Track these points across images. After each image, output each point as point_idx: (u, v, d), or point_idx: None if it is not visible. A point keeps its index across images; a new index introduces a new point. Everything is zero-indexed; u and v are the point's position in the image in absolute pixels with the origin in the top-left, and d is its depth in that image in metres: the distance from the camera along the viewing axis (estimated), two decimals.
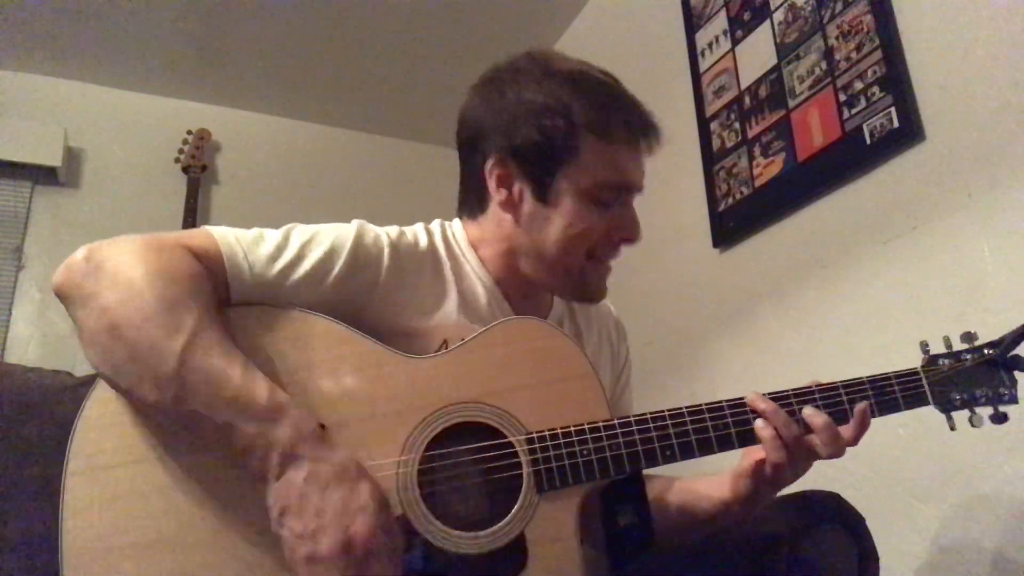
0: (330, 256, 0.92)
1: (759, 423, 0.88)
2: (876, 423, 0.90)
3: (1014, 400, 0.92)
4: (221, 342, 0.80)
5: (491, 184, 1.01)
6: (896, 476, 1.42)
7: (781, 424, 0.87)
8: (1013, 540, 1.25)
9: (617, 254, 1.04)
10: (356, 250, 0.94)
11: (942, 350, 0.95)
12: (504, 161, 1.00)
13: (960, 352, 0.94)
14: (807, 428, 0.88)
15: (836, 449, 0.87)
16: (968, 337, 0.94)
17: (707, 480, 1.00)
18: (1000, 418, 0.91)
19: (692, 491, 1.02)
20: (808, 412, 0.88)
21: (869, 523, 0.96)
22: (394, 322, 0.95)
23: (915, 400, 0.92)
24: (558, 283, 1.04)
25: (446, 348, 0.95)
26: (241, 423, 0.76)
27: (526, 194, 1.00)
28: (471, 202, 1.07)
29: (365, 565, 0.73)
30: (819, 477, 0.94)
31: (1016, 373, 0.93)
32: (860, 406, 0.89)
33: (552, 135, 0.97)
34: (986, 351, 0.93)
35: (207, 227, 0.91)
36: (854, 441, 0.88)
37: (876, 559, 0.95)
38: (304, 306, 0.89)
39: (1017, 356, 0.92)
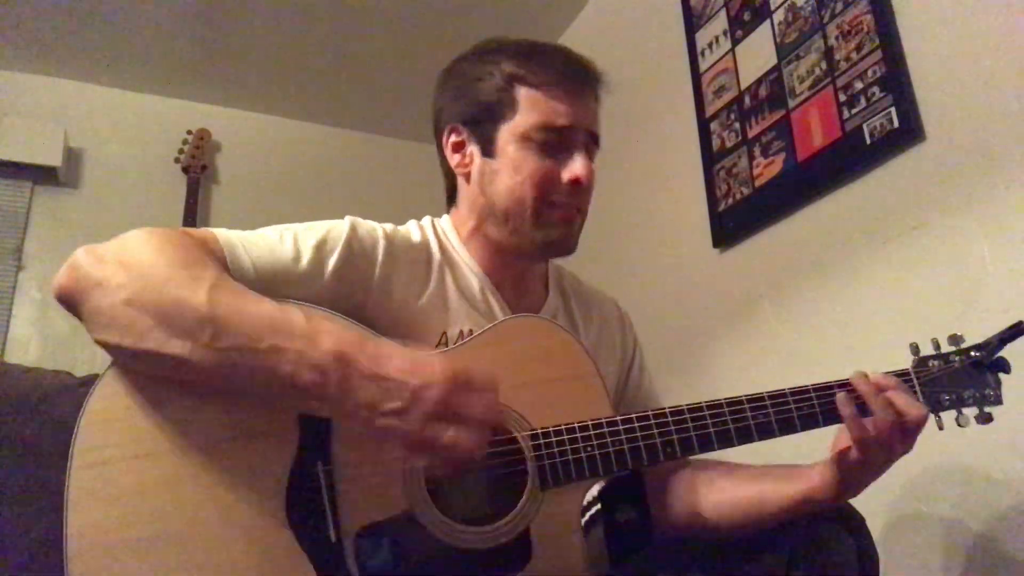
0: (323, 249, 0.93)
1: (840, 396, 0.89)
2: None
3: (999, 401, 0.94)
4: (244, 288, 0.81)
5: (448, 153, 1.08)
6: (896, 476, 1.42)
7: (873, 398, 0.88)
8: (1014, 540, 1.25)
9: (576, 201, 1.03)
10: (351, 242, 0.95)
11: (931, 351, 0.96)
12: (456, 127, 1.07)
13: (948, 354, 0.96)
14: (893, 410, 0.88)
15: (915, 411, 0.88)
16: (955, 339, 0.96)
17: (778, 472, 0.98)
18: (985, 418, 0.93)
19: (761, 485, 0.98)
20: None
21: (869, 523, 0.97)
22: (393, 315, 0.96)
23: None
24: (520, 236, 1.03)
25: (445, 340, 0.96)
26: (285, 342, 0.75)
27: (475, 154, 1.05)
28: (448, 187, 1.13)
29: (470, 388, 0.76)
30: None
31: (1001, 375, 0.95)
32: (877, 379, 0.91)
33: (489, 92, 1.03)
34: (973, 353, 0.95)
35: (205, 228, 0.92)
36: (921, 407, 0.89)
37: (876, 559, 0.95)
38: (306, 301, 0.90)
39: (1002, 359, 0.95)
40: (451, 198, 1.13)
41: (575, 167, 1.01)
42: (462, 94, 1.06)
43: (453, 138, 1.07)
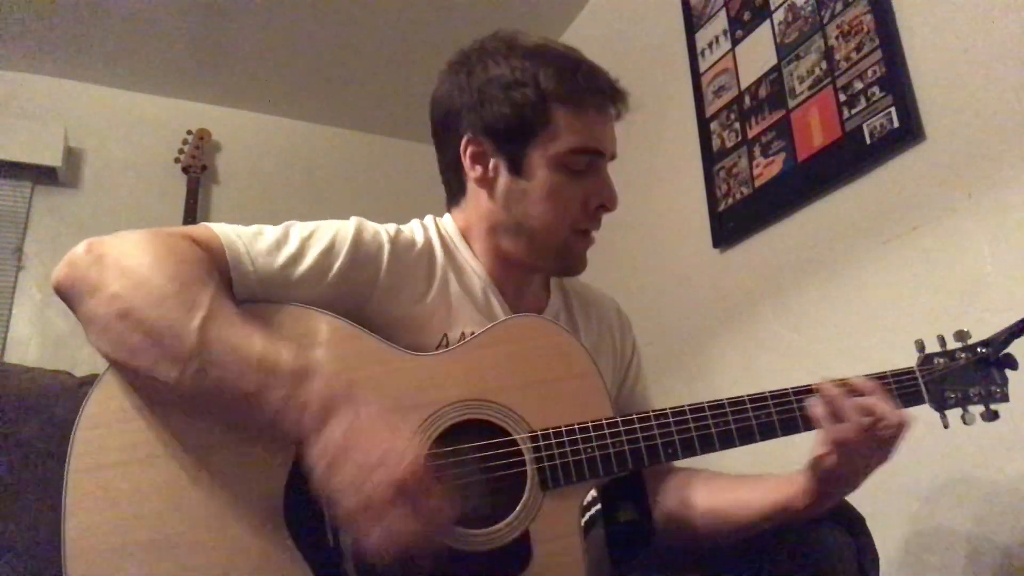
0: (330, 252, 0.92)
1: (811, 401, 0.88)
2: None
3: (1005, 399, 0.93)
4: (239, 314, 0.79)
5: (466, 162, 1.02)
6: (896, 476, 1.42)
7: (841, 406, 0.86)
8: (1014, 540, 1.25)
9: (598, 224, 1.04)
10: (356, 246, 0.94)
11: (936, 349, 0.95)
12: (477, 138, 1.01)
13: (954, 351, 0.95)
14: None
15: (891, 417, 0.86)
16: (961, 336, 0.95)
17: (759, 481, 0.98)
18: (991, 416, 0.92)
19: (738, 492, 0.98)
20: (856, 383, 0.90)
21: (869, 523, 0.96)
22: (393, 316, 0.95)
23: (912, 399, 0.93)
24: (540, 257, 1.04)
25: (446, 342, 0.95)
26: (270, 386, 0.75)
27: (501, 169, 1.01)
28: (452, 187, 1.08)
29: (419, 501, 0.73)
30: None
31: (1007, 371, 0.93)
32: (859, 382, 0.90)
33: (522, 107, 0.97)
34: (979, 350, 0.94)
35: (207, 223, 0.91)
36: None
37: (876, 559, 0.95)
38: (305, 302, 0.89)
39: (1009, 355, 0.93)
40: (453, 197, 1.09)
41: (605, 193, 1.01)
42: (487, 101, 0.99)
43: (473, 148, 1.01)
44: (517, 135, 0.99)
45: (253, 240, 0.90)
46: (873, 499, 0.93)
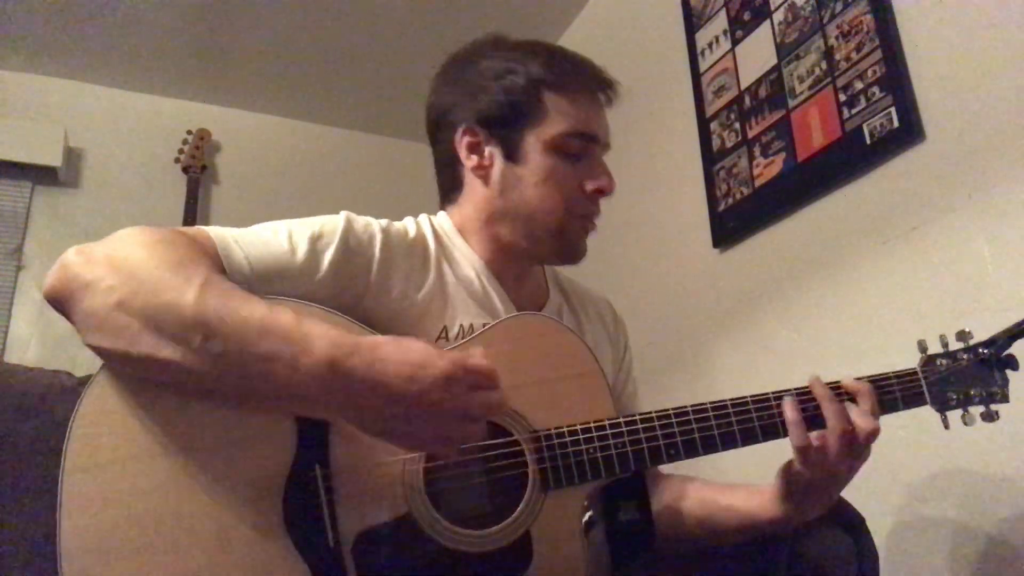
0: (320, 241, 0.92)
1: (787, 400, 0.88)
2: None
3: (1005, 399, 0.93)
4: (235, 287, 0.78)
5: (462, 153, 1.04)
6: (896, 476, 1.42)
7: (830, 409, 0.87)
8: (1013, 540, 1.25)
9: (596, 210, 1.05)
10: (347, 236, 0.94)
11: (938, 349, 0.96)
12: (472, 128, 1.03)
13: (956, 352, 0.95)
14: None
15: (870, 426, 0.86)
16: (963, 336, 0.95)
17: (736, 489, 0.99)
18: (991, 416, 0.92)
19: (718, 500, 0.99)
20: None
21: (870, 524, 0.96)
22: (391, 309, 0.95)
23: (914, 400, 0.93)
24: (538, 243, 1.04)
25: (446, 335, 0.95)
26: (278, 348, 0.72)
27: (496, 156, 1.03)
28: (447, 184, 1.10)
29: (470, 385, 0.74)
30: None
31: (1008, 372, 0.93)
32: (855, 384, 0.90)
33: (514, 94, 1.01)
34: (981, 350, 0.94)
35: (198, 227, 0.91)
36: (873, 416, 0.87)
37: (876, 559, 0.95)
38: (302, 297, 0.89)
39: (1010, 356, 0.93)
40: (448, 195, 1.10)
41: (601, 177, 1.02)
42: (480, 92, 1.03)
43: (468, 138, 1.04)
44: (510, 121, 1.01)
45: (244, 237, 0.90)
46: (875, 500, 0.93)
